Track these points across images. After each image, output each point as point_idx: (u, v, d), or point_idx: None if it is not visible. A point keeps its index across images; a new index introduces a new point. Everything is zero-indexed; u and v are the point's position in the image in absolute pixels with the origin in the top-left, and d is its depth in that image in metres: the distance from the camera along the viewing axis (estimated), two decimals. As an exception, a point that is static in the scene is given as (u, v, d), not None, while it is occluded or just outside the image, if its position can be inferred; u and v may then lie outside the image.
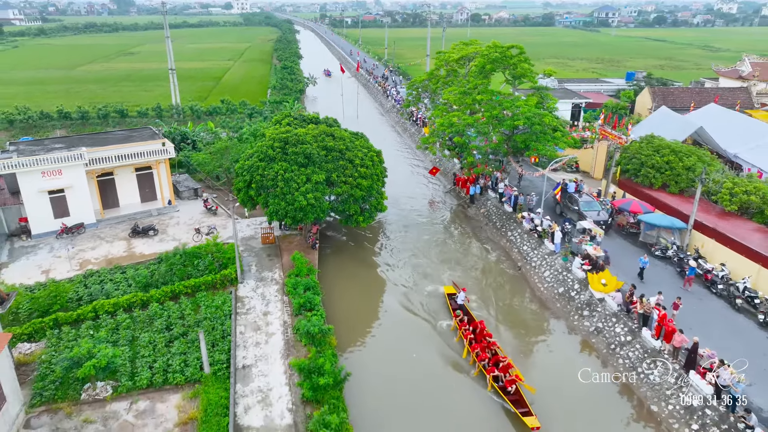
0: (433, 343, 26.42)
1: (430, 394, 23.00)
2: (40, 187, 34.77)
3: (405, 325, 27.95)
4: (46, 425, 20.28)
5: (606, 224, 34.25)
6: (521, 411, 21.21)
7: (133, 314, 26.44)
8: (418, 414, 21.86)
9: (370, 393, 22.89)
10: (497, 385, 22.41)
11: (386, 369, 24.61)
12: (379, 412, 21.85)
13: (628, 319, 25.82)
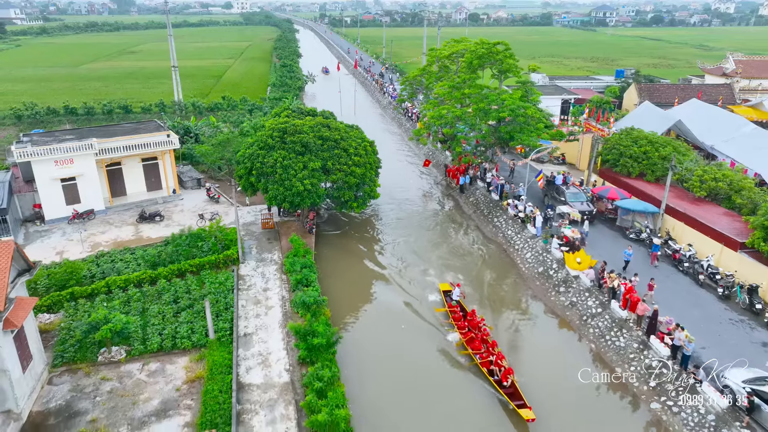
0: (421, 320, 28.60)
1: (420, 368, 24.66)
2: (53, 175, 36.97)
3: (396, 303, 30.07)
4: (67, 382, 22.48)
5: (591, 214, 36.06)
6: (517, 404, 21.52)
7: (143, 289, 28.64)
8: (408, 387, 23.95)
9: (362, 362, 25.08)
10: (493, 379, 22.88)
11: (378, 342, 26.79)
12: (372, 382, 23.87)
13: (599, 294, 28.04)
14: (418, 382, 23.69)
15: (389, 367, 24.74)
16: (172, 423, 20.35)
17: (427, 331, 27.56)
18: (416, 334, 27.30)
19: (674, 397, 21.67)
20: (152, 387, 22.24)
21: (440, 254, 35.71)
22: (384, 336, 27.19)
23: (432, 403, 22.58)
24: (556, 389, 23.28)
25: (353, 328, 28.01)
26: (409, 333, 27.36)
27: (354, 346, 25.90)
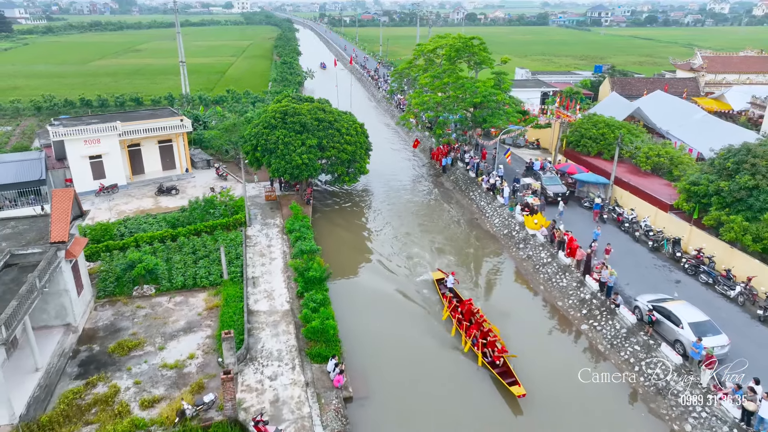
0: (399, 268, 33.88)
1: (408, 326, 28.45)
2: (82, 153, 42.23)
3: (382, 263, 35.18)
4: (110, 309, 27.75)
5: (564, 195, 39.72)
6: (508, 381, 22.64)
7: (166, 244, 33.87)
8: (395, 330, 29.25)
9: (351, 303, 30.38)
10: (486, 360, 24.08)
11: (365, 288, 32.05)
12: (361, 324, 28.96)
13: (550, 247, 33.29)
14: (404, 328, 28.48)
15: (377, 308, 30.03)
16: (197, 336, 25.60)
17: (404, 278, 32.84)
18: (394, 282, 32.58)
19: (599, 319, 26.97)
20: (179, 312, 27.50)
21: (422, 222, 41.00)
22: (370, 284, 32.49)
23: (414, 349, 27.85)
24: (513, 315, 28.55)
25: (342, 279, 33.22)
26: (390, 283, 32.62)
27: (343, 292, 31.19)
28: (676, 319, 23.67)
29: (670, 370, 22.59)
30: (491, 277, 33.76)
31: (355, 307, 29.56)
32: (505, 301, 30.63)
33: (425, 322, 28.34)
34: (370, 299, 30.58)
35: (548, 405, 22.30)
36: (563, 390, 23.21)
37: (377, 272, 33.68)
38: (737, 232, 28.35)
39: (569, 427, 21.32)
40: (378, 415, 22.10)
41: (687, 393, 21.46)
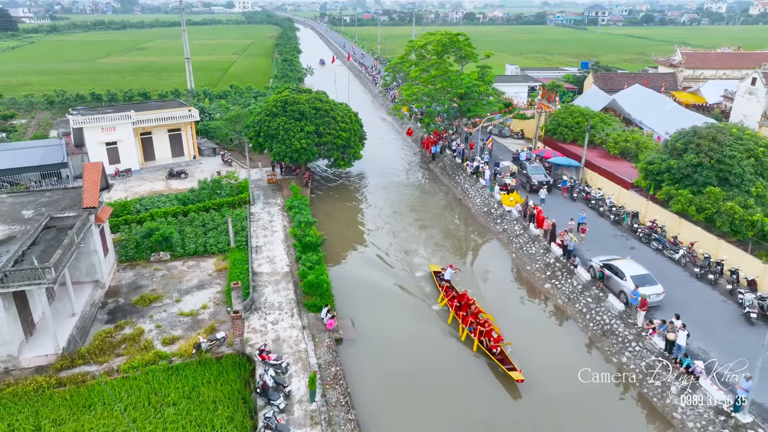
0: (391, 247, 37.70)
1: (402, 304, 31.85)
2: (99, 140, 46.04)
3: (373, 240, 38.96)
4: (131, 271, 31.58)
5: (548, 183, 42.41)
6: (507, 367, 23.58)
7: (178, 218, 37.69)
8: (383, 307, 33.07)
9: (346, 275, 34.22)
10: (484, 347, 24.98)
11: (356, 265, 35.76)
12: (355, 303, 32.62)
13: (523, 221, 37.10)
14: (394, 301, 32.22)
15: (367, 272, 33.87)
16: (208, 291, 29.42)
17: (392, 250, 36.66)
18: (382, 252, 36.41)
19: (560, 279, 30.80)
20: (192, 273, 31.33)
21: (411, 203, 44.81)
22: (361, 253, 36.33)
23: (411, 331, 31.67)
24: (489, 278, 32.39)
25: (336, 249, 37.03)
26: (379, 251, 36.44)
27: (337, 259, 35.05)
28: (621, 274, 27.49)
29: (614, 316, 26.41)
30: (472, 248, 37.55)
31: (347, 270, 33.52)
32: (483, 268, 34.45)
33: (409, 281, 32.15)
34: (360, 265, 34.48)
35: (517, 354, 26.05)
36: (523, 332, 27.02)
37: (368, 244, 37.49)
38: (683, 204, 32.16)
39: (530, 364, 25.03)
40: (363, 353, 25.90)
41: (625, 332, 25.29)
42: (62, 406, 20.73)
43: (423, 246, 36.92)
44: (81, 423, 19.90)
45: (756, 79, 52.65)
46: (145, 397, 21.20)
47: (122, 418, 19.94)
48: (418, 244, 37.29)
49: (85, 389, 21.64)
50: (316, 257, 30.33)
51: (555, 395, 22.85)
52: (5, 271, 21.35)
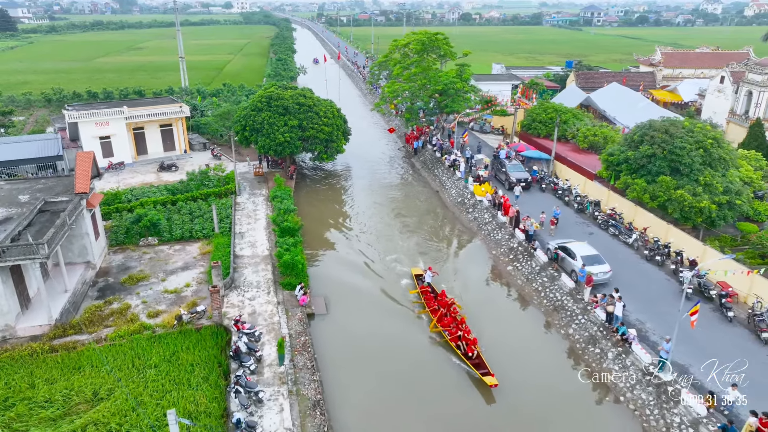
0: (368, 235, 39.89)
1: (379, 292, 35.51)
2: (93, 134, 48.20)
3: (351, 228, 41.19)
4: (120, 254, 33.74)
5: (527, 181, 43.41)
6: (482, 372, 23.66)
7: (167, 207, 39.85)
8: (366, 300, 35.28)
9: (322, 259, 36.42)
10: (460, 352, 25.04)
11: (334, 253, 38.05)
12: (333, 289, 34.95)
13: (492, 209, 39.31)
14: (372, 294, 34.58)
15: (343, 258, 36.08)
16: (192, 272, 31.58)
17: (370, 238, 38.87)
18: (359, 240, 38.62)
19: (521, 261, 33.03)
20: (177, 256, 33.51)
21: (392, 195, 47.05)
22: (338, 240, 38.56)
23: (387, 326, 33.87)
24: (459, 261, 34.61)
25: (316, 236, 39.24)
26: (356, 241, 38.65)
27: (317, 245, 37.27)
28: (573, 254, 29.72)
29: (565, 293, 28.63)
30: (444, 235, 39.71)
31: (323, 254, 35.81)
32: (453, 252, 36.68)
33: (380, 265, 34.34)
34: (336, 250, 36.72)
35: (472, 323, 28.23)
36: (485, 310, 29.24)
37: (345, 232, 39.71)
38: (639, 192, 34.38)
39: (491, 339, 27.18)
40: (332, 327, 28.12)
41: (573, 307, 27.51)
42: (54, 368, 22.92)
43: (398, 233, 39.15)
44: (71, 382, 22.08)
45: (724, 77, 54.89)
46: (129, 361, 23.39)
47: (108, 377, 22.13)
48: (393, 231, 39.52)
49: (76, 354, 23.83)
50: (293, 240, 32.57)
51: (509, 366, 24.95)
52: (3, 247, 23.53)
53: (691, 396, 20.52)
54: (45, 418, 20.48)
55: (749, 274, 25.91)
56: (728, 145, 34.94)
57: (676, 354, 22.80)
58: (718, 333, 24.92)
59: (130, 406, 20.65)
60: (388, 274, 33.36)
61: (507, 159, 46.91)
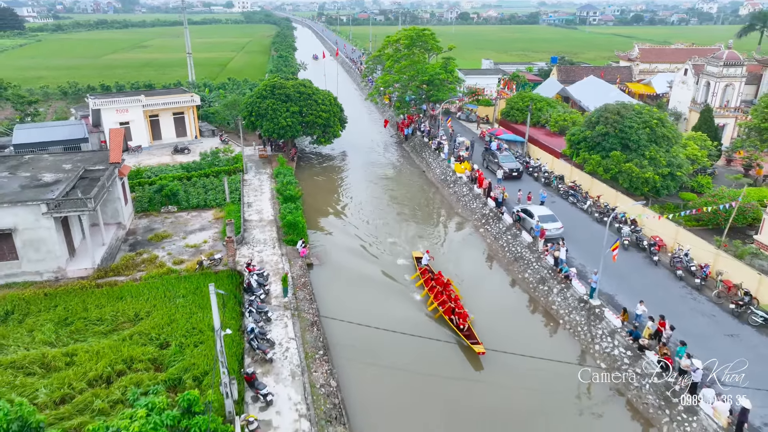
0: (360, 207, 45.20)
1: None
2: (114, 120, 53.46)
3: (345, 201, 46.50)
4: (145, 219, 39.05)
5: (519, 171, 46.77)
6: (471, 342, 25.75)
7: (183, 181, 45.14)
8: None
9: (321, 224, 41.76)
10: (453, 324, 27.01)
11: (333, 217, 43.38)
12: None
13: (471, 184, 44.61)
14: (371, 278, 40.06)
15: (339, 224, 41.41)
16: (208, 232, 36.86)
17: (362, 211, 44.17)
18: (353, 212, 43.94)
19: (490, 224, 38.35)
20: (194, 220, 38.82)
21: (384, 175, 52.36)
22: (335, 212, 43.90)
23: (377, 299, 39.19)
24: (440, 226, 39.91)
25: (315, 208, 44.56)
26: (350, 213, 43.97)
27: (316, 215, 42.61)
28: (531, 214, 35.05)
29: (524, 246, 33.95)
30: (428, 207, 45.03)
31: (321, 222, 41.07)
32: (435, 220, 42.01)
33: (368, 229, 39.65)
34: (332, 218, 42.03)
35: (453, 275, 33.49)
36: (462, 264, 34.55)
37: (340, 203, 45.04)
38: (594, 165, 39.67)
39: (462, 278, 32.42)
40: (328, 274, 33.43)
41: (529, 256, 32.83)
42: (101, 297, 28.24)
43: (387, 205, 44.45)
44: (116, 307, 27.40)
45: (687, 70, 60.06)
46: (161, 293, 28.69)
47: (146, 303, 27.46)
48: (382, 204, 44.84)
49: (117, 289, 29.16)
50: (294, 206, 37.98)
51: (476, 299, 30.24)
52: (58, 200, 28.84)
53: (610, 313, 25.82)
54: (98, 332, 25.80)
55: (660, 219, 31.26)
56: (671, 125, 40.20)
57: (609, 288, 28.12)
58: (645, 273, 30.26)
59: (165, 322, 25.97)
60: (376, 234, 38.69)
61: (498, 150, 49.49)
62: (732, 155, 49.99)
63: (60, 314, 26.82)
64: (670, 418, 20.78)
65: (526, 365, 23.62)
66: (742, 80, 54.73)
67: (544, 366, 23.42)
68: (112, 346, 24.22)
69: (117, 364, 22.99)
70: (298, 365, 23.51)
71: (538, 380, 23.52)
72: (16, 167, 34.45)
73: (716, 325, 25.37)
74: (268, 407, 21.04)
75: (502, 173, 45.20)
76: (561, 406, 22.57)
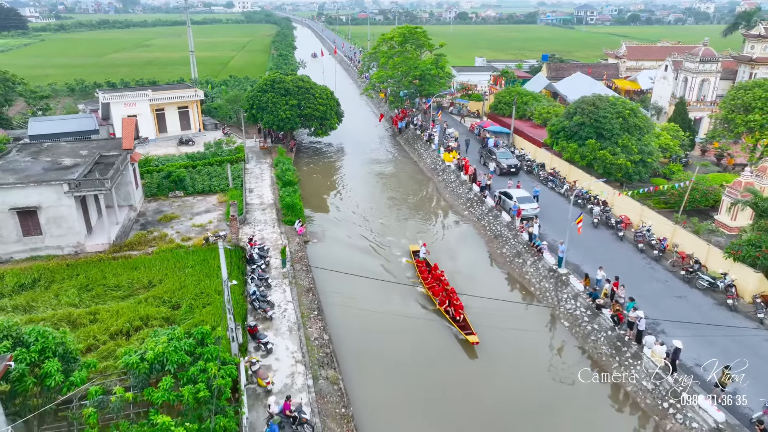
0: (354, 193, 48.25)
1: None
2: (123, 113, 56.35)
3: (340, 189, 49.55)
4: (154, 203, 42.09)
5: (516, 167, 48.34)
6: (466, 332, 26.39)
7: (188, 169, 48.17)
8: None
9: (316, 208, 44.85)
10: (448, 316, 27.77)
11: (328, 203, 46.44)
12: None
13: (458, 172, 47.63)
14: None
15: (335, 209, 44.47)
16: (213, 214, 39.88)
17: (356, 197, 47.22)
18: (347, 199, 46.99)
19: (475, 206, 41.41)
20: (200, 204, 41.86)
21: (378, 165, 55.42)
22: (331, 197, 46.96)
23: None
24: (429, 210, 42.99)
25: (313, 194, 47.60)
26: (345, 199, 47.00)
27: (313, 201, 45.70)
28: (510, 196, 38.11)
29: (503, 225, 37.00)
30: (419, 192, 48.08)
31: (318, 206, 44.14)
32: (425, 204, 45.07)
33: (360, 210, 42.71)
34: (328, 203, 45.08)
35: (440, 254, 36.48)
36: (445, 239, 37.58)
37: (335, 190, 48.10)
38: (571, 153, 42.70)
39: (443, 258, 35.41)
40: (322, 250, 36.46)
41: (507, 234, 35.87)
42: (118, 267, 31.28)
43: (379, 191, 47.51)
44: (131, 276, 30.43)
45: (667, 66, 63.10)
46: (172, 264, 31.71)
47: (158, 272, 30.50)
48: (375, 190, 47.90)
49: (132, 261, 32.19)
50: (292, 189, 41.04)
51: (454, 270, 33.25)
52: (79, 181, 31.89)
53: (575, 279, 28.87)
54: (116, 296, 28.84)
55: (619, 195, 34.35)
56: (643, 116, 43.22)
57: (577, 259, 31.17)
58: (610, 247, 33.34)
59: (176, 287, 29.01)
60: (368, 216, 41.76)
61: (495, 147, 51.10)
62: (707, 146, 53.04)
63: (81, 281, 29.86)
64: (619, 363, 23.82)
65: (511, 345, 26.41)
66: (717, 76, 57.77)
67: (529, 343, 26.43)
68: (129, 307, 27.26)
69: (135, 321, 26.02)
70: (295, 322, 26.56)
71: (522, 356, 25.82)
72: (38, 153, 37.51)
73: (668, 289, 28.42)
74: (268, 355, 24.09)
75: (500, 170, 46.65)
76: (539, 371, 24.84)
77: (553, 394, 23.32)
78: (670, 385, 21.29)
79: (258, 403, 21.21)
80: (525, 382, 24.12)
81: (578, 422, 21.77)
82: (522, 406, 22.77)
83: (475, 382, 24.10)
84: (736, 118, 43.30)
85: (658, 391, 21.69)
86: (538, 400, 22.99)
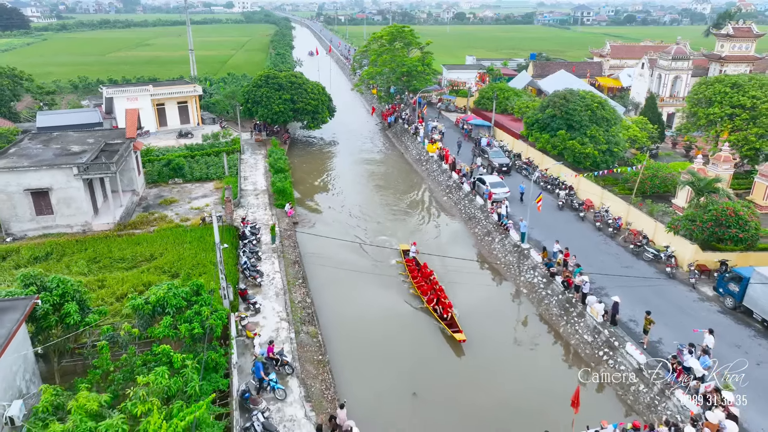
0: (343, 183, 51.43)
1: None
2: (125, 107, 59.48)
3: (329, 179, 52.74)
4: (155, 189, 45.24)
5: (508, 166, 49.94)
6: (453, 330, 26.79)
7: (187, 159, 51.34)
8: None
9: (307, 194, 48.02)
10: (436, 314, 28.15)
11: (318, 189, 49.62)
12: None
13: (440, 162, 50.79)
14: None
15: (324, 194, 47.65)
16: (209, 198, 43.06)
17: (344, 187, 50.39)
18: (338, 188, 50.15)
19: (454, 192, 44.57)
20: (198, 190, 45.02)
21: (367, 157, 58.62)
22: (322, 186, 50.13)
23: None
24: (412, 198, 46.19)
25: (305, 183, 50.76)
26: (335, 188, 50.17)
27: (304, 187, 48.87)
28: (484, 182, 41.29)
29: (477, 208, 40.20)
30: (404, 180, 51.26)
31: (309, 193, 47.34)
32: (410, 190, 48.26)
33: (346, 200, 45.87)
34: (318, 191, 48.27)
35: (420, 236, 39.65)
36: (425, 221, 40.75)
37: (324, 179, 51.27)
38: (543, 143, 45.88)
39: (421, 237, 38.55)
40: (310, 230, 39.63)
41: (480, 216, 39.06)
42: (122, 243, 34.45)
43: (367, 180, 50.70)
44: (135, 250, 33.58)
45: (644, 64, 66.28)
46: (171, 240, 34.85)
47: (159, 247, 33.66)
48: (363, 180, 51.05)
49: (135, 237, 35.36)
50: (283, 175, 44.27)
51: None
52: (87, 164, 35.06)
53: (535, 252, 32.05)
54: (121, 267, 32.00)
55: (576, 177, 37.56)
56: (611, 108, 46.39)
57: (540, 237, 34.36)
58: (572, 226, 36.55)
59: (175, 259, 32.17)
60: (354, 202, 44.93)
61: (488, 146, 52.48)
62: (677, 139, 56.23)
63: (90, 255, 33.02)
64: (566, 321, 26.99)
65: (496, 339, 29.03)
66: (688, 73, 60.96)
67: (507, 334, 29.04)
68: (133, 275, 30.41)
69: (138, 287, 29.13)
70: (282, 288, 29.74)
71: (505, 344, 27.78)
72: (48, 141, 40.68)
73: (618, 261, 31.61)
74: (256, 314, 27.26)
75: (491, 169, 47.04)
76: (505, 340, 27.79)
77: (524, 369, 25.28)
78: (605, 336, 24.44)
79: (246, 351, 24.38)
80: (493, 353, 27.13)
81: (536, 377, 24.46)
82: (480, 361, 25.93)
83: (447, 347, 27.28)
84: (699, 112, 46.43)
85: (596, 342, 24.86)
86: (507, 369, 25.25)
